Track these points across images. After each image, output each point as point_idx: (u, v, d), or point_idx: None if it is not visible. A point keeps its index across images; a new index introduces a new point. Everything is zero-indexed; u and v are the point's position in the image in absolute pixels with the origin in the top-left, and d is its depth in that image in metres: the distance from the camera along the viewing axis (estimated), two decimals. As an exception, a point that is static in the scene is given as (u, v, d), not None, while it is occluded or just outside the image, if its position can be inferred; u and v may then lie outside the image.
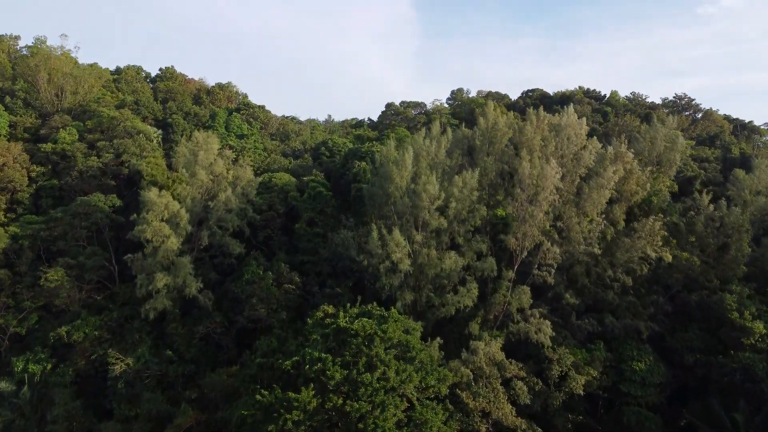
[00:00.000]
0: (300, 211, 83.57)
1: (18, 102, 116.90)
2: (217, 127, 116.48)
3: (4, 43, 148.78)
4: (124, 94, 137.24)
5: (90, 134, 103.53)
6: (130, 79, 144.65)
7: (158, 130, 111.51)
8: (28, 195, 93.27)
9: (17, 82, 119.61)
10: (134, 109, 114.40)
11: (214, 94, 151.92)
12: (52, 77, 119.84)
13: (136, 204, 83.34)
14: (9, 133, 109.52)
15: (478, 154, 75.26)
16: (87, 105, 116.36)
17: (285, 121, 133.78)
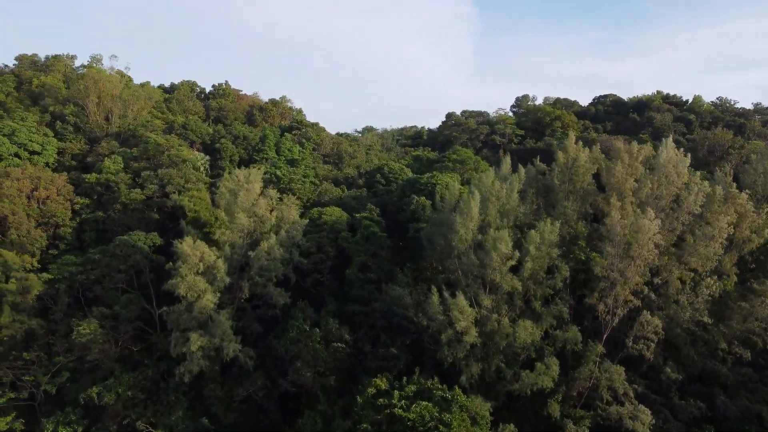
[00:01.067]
0: (352, 253, 75.04)
1: (68, 127, 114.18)
2: (267, 151, 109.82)
3: (60, 63, 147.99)
4: (174, 114, 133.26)
5: (136, 162, 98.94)
6: (182, 98, 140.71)
7: (206, 156, 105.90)
8: (71, 230, 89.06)
9: (67, 105, 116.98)
10: (182, 133, 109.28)
11: (267, 110, 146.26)
12: (101, 100, 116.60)
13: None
14: (57, 160, 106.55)
15: (557, 195, 64.41)
16: (135, 129, 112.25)
17: (338, 139, 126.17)
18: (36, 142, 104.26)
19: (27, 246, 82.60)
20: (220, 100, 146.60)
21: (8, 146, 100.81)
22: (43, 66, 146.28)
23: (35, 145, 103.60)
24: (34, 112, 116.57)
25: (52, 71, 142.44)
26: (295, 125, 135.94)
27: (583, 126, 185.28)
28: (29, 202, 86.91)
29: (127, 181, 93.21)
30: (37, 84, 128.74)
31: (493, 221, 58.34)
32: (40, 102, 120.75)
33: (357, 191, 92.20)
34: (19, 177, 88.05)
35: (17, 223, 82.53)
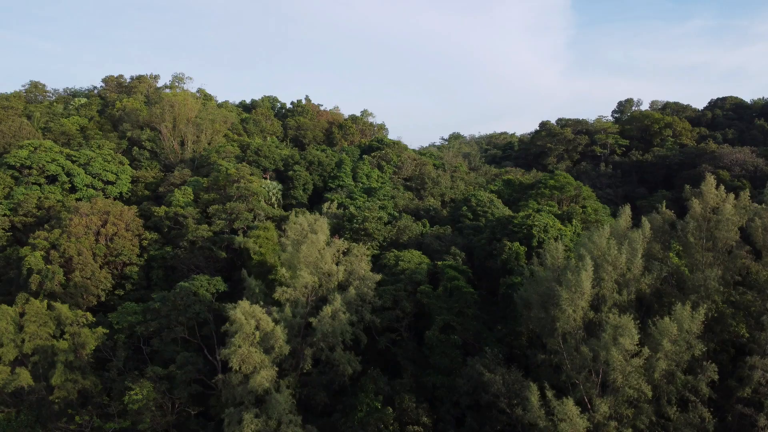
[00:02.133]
0: (432, 311, 64.45)
1: (144, 153, 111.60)
2: (343, 177, 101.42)
3: (143, 83, 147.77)
4: (251, 135, 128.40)
5: (206, 193, 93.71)
6: (260, 117, 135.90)
7: (278, 184, 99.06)
8: (138, 268, 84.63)
9: (144, 130, 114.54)
10: (254, 160, 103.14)
11: (346, 128, 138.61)
12: (176, 124, 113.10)
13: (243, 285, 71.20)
14: (131, 190, 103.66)
15: (693, 256, 50.56)
16: (208, 155, 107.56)
17: (421, 160, 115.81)
18: (111, 172, 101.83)
19: (91, 288, 78.97)
20: (299, 118, 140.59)
21: (83, 177, 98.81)
22: (128, 87, 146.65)
23: (110, 175, 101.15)
24: (112, 138, 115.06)
25: (134, 93, 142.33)
26: (375, 144, 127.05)
27: (699, 135, 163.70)
28: (97, 239, 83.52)
29: (195, 216, 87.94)
30: (119, 107, 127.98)
31: (609, 296, 45.84)
32: (119, 127, 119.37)
33: (440, 228, 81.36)
34: (88, 212, 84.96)
35: (82, 264, 78.97)
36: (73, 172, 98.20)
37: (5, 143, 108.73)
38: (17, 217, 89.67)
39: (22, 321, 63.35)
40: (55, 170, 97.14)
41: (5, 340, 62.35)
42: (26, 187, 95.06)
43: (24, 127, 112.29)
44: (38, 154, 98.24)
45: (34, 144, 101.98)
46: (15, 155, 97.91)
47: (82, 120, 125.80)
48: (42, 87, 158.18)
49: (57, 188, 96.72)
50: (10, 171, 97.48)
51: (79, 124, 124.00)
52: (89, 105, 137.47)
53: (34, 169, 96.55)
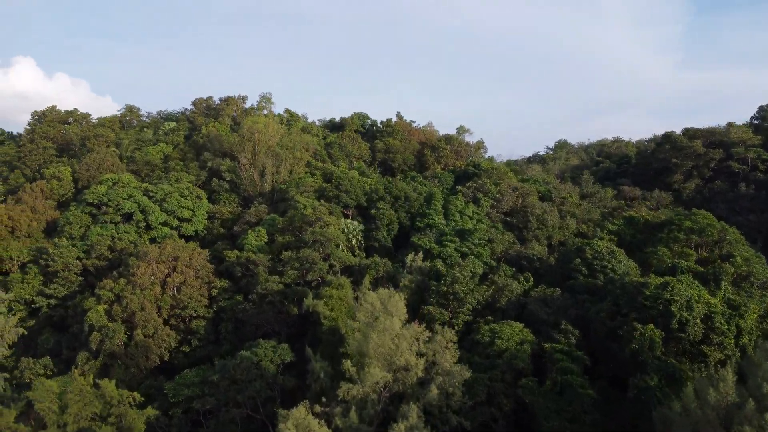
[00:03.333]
0: (538, 411, 50.58)
1: (224, 184, 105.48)
2: (433, 216, 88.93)
3: (231, 105, 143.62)
4: (335, 161, 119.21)
5: (281, 235, 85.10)
6: (345, 142, 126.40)
7: (359, 224, 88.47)
8: (204, 322, 77.35)
9: (225, 161, 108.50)
10: (334, 195, 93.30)
11: (440, 149, 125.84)
12: (256, 153, 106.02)
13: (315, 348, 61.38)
14: (206, 227, 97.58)
15: None
16: (287, 189, 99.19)
17: (524, 188, 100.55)
18: (186, 208, 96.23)
19: (153, 348, 72.52)
20: (388, 139, 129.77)
21: (158, 215, 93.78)
22: (215, 109, 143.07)
23: (185, 212, 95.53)
24: (192, 168, 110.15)
25: (222, 116, 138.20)
26: (470, 170, 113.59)
27: None
28: (163, 289, 77.28)
29: (266, 264, 79.35)
30: (204, 133, 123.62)
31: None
32: (201, 156, 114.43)
33: (547, 289, 66.75)
34: (156, 258, 78.97)
35: (145, 320, 72.70)
36: (148, 210, 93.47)
37: (89, 176, 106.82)
38: (90, 260, 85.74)
39: (66, 399, 57.04)
40: (131, 208, 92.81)
41: (49, 421, 56.30)
42: (102, 226, 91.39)
43: (108, 158, 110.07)
44: (116, 191, 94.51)
45: (113, 179, 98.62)
46: (93, 192, 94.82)
47: (166, 148, 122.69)
48: (137, 111, 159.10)
49: (132, 227, 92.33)
50: (89, 208, 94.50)
51: (164, 153, 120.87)
52: (177, 130, 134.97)
53: (110, 207, 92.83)
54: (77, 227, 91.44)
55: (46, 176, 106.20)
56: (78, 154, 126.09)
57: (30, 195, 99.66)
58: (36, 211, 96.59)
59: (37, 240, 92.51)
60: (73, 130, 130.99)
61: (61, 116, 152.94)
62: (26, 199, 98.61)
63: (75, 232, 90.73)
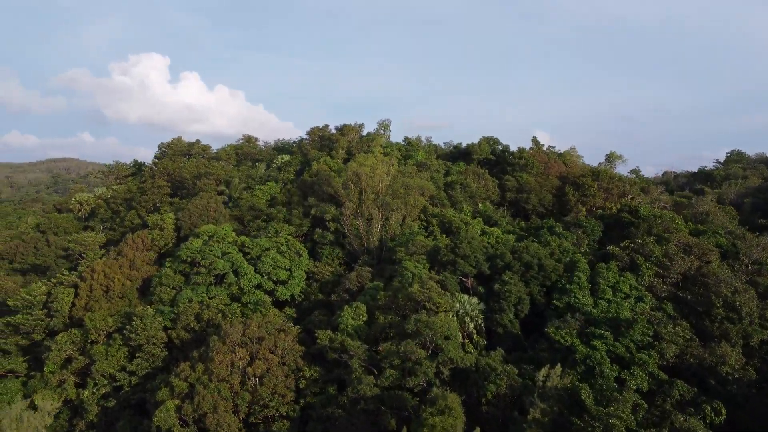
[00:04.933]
0: None
1: (327, 236, 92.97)
2: (575, 292, 68.61)
3: (347, 134, 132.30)
4: (455, 204, 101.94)
5: (382, 314, 70.14)
6: (468, 182, 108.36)
7: (479, 303, 70.63)
8: (288, 424, 64.57)
9: (330, 207, 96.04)
10: (451, 260, 76.25)
11: (585, 186, 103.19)
12: (363, 200, 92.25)
13: None
14: (303, 291, 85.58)
15: None
16: (395, 246, 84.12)
17: (701, 245, 76.32)
18: (283, 268, 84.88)
19: (225, 459, 61.06)
20: (520, 174, 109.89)
21: (251, 276, 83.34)
22: (329, 140, 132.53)
23: (281, 273, 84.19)
24: (296, 215, 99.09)
25: (336, 147, 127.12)
26: (625, 217, 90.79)
27: None
28: (243, 381, 65.73)
29: (362, 355, 64.60)
30: (314, 170, 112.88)
31: None
32: (307, 199, 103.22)
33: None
34: (237, 341, 67.77)
35: (216, 423, 61.42)
36: (241, 272, 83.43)
37: (191, 223, 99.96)
38: (176, 330, 77.17)
39: None
40: (223, 268, 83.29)
41: None
42: (193, 288, 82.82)
43: (211, 204, 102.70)
44: (210, 247, 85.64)
45: (210, 231, 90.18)
46: (188, 248, 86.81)
47: (274, 188, 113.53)
48: (254, 141, 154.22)
49: (224, 290, 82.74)
50: (183, 266, 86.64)
51: (271, 194, 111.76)
52: (289, 165, 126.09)
53: (203, 267, 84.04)
54: (168, 289, 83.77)
55: (150, 224, 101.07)
56: (191, 191, 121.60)
57: (131, 247, 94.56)
58: (134, 266, 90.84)
59: (130, 301, 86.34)
60: (188, 168, 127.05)
61: (184, 148, 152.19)
62: (126, 251, 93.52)
63: (165, 295, 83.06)
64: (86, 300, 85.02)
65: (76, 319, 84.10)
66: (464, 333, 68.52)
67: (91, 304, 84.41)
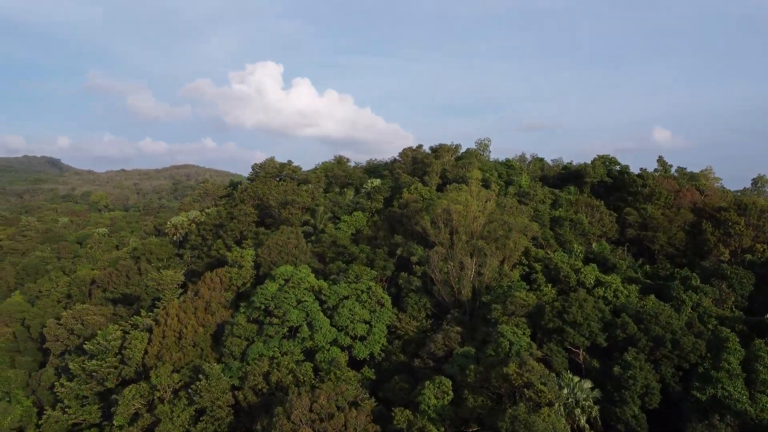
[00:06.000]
0: None
1: (414, 281, 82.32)
2: (723, 381, 53.02)
3: (443, 155, 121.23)
4: (563, 244, 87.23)
5: (471, 395, 58.33)
6: (580, 217, 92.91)
7: (592, 390, 56.69)
8: None
9: (417, 247, 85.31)
10: (557, 327, 62.79)
11: (729, 224, 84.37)
12: (454, 242, 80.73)
13: None
14: (384, 348, 75.49)
15: None
16: (493, 299, 71.79)
17: None
18: (362, 321, 75.60)
19: None
20: (644, 206, 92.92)
21: (326, 330, 74.88)
22: (422, 163, 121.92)
23: (359, 327, 75.02)
24: (380, 255, 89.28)
25: (429, 172, 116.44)
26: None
27: None
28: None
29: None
30: (403, 200, 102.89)
31: None
32: (393, 236, 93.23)
33: None
34: (304, 416, 59.02)
35: None
36: (316, 325, 75.00)
37: (270, 261, 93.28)
38: (243, 392, 70.12)
39: None
40: (297, 321, 75.39)
41: None
42: (265, 341, 75.56)
43: (291, 240, 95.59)
44: (285, 293, 78.09)
45: (286, 274, 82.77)
46: (262, 293, 79.83)
47: (360, 219, 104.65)
48: (345, 162, 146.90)
49: (297, 345, 74.74)
50: (257, 313, 79.81)
51: (356, 227, 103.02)
52: (378, 191, 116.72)
53: (276, 317, 76.62)
54: (239, 341, 77.07)
55: (229, 260, 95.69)
56: (277, 219, 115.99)
57: (208, 286, 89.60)
58: (209, 309, 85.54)
59: (202, 350, 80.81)
60: (275, 195, 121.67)
61: (275, 169, 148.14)
62: (203, 292, 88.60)
63: (236, 348, 76.47)
64: (158, 347, 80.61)
65: (149, 367, 79.94)
66: (573, 426, 55.16)
67: (163, 352, 79.79)
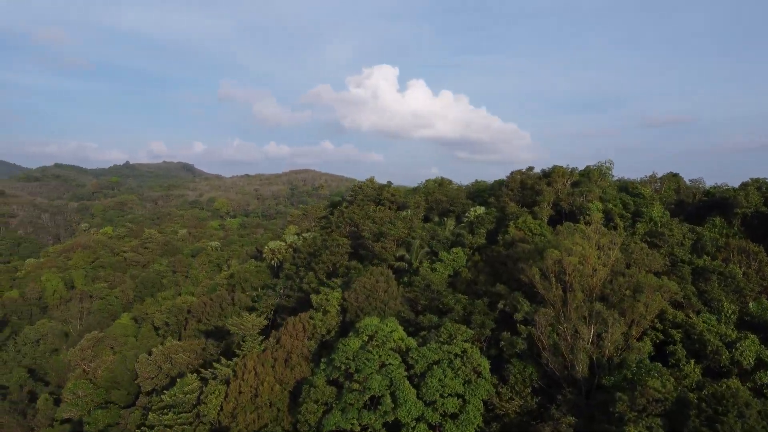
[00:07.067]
0: None
1: (517, 343, 69.45)
2: None
3: (553, 183, 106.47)
4: (709, 307, 69.73)
5: None
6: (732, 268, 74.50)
7: None
8: None
9: (522, 301, 72.34)
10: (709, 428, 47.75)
11: None
12: (567, 303, 66.90)
13: None
14: (480, 429, 63.61)
15: None
16: (617, 381, 57.50)
17: None
18: (453, 395, 64.34)
19: None
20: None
21: (411, 404, 64.36)
22: (532, 188, 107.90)
23: (449, 403, 64.02)
24: (480, 307, 77.30)
25: (539, 201, 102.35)
26: None
27: None
28: None
29: None
30: (509, 236, 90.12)
31: None
32: (496, 283, 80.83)
33: None
34: None
35: None
36: (400, 395, 64.77)
37: (357, 306, 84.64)
38: (315, 472, 61.85)
39: None
40: (378, 390, 65.59)
41: None
42: (343, 410, 66.59)
43: (380, 282, 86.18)
44: (368, 354, 68.90)
45: (370, 329, 73.35)
46: (343, 352, 71.16)
47: (459, 259, 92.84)
48: (448, 184, 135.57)
49: (378, 419, 64.92)
50: (336, 373, 71.27)
51: (454, 268, 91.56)
52: (482, 221, 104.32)
53: (356, 382, 67.57)
54: (316, 407, 68.87)
55: (314, 303, 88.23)
56: (371, 250, 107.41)
57: (290, 334, 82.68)
58: (289, 362, 78.54)
59: (278, 411, 73.68)
60: (369, 226, 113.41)
61: (374, 191, 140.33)
62: (285, 341, 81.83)
63: (311, 416, 68.36)
64: (234, 404, 74.62)
65: (223, 426, 74.25)
66: None
67: (238, 411, 73.68)
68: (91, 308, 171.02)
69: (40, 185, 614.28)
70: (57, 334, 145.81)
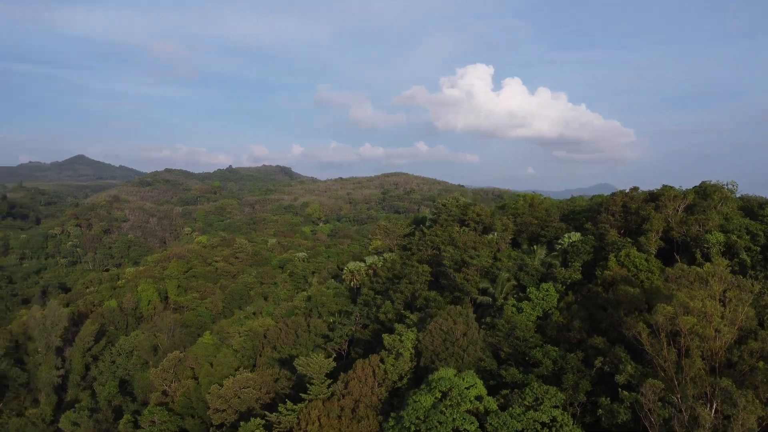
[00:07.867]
0: None
1: (620, 413, 58.32)
2: None
3: (662, 208, 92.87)
4: None
5: None
6: None
7: None
8: None
9: (626, 363, 60.92)
10: None
11: None
12: (685, 367, 55.06)
13: None
14: None
15: None
16: None
17: None
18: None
19: None
20: None
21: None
22: (637, 213, 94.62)
23: (534, 486, 53.90)
24: (574, 362, 66.64)
25: (647, 230, 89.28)
26: None
27: None
28: None
29: None
30: (608, 273, 78.49)
31: None
32: (592, 332, 69.67)
33: None
34: None
35: None
36: (474, 471, 56.02)
37: (433, 349, 76.44)
38: None
39: None
40: (450, 462, 57.19)
41: None
42: (410, 481, 58.91)
43: (459, 323, 77.41)
44: (441, 416, 60.76)
45: (444, 384, 65.00)
46: (413, 409, 63.33)
47: (550, 297, 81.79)
48: (539, 200, 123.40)
49: (449, 496, 56.59)
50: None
51: (543, 309, 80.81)
52: (578, 251, 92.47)
53: (425, 448, 59.53)
54: (381, 473, 61.56)
55: (386, 344, 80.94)
56: (452, 283, 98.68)
57: (359, 379, 75.96)
58: (356, 413, 71.84)
59: (343, 470, 67.08)
60: (451, 251, 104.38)
61: (459, 209, 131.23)
62: (353, 386, 75.26)
63: (375, 484, 60.96)
64: (296, 458, 69.01)
65: (285, 481, 68.81)
66: None
67: (300, 467, 67.92)
68: (181, 319, 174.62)
69: (151, 189, 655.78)
70: (147, 347, 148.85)
